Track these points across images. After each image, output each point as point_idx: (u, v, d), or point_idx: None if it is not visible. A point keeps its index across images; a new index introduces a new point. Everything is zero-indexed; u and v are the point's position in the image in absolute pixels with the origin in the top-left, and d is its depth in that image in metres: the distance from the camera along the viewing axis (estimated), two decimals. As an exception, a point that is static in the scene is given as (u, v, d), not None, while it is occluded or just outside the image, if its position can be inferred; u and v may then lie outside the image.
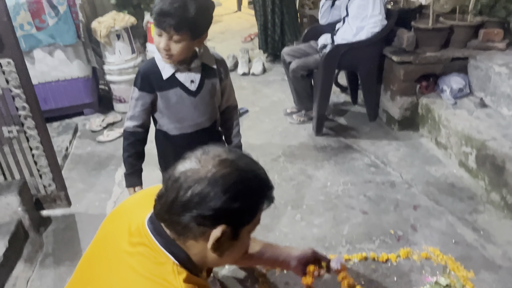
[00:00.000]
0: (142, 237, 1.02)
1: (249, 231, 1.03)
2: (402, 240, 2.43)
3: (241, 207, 0.94)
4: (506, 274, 2.21)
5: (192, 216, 0.93)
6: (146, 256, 0.98)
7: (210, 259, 1.01)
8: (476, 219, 2.62)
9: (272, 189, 1.03)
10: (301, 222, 2.56)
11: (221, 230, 0.94)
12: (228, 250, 1.00)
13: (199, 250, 0.99)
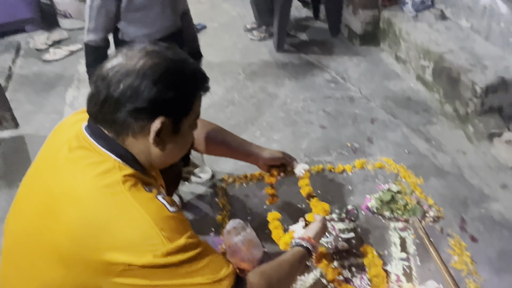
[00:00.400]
0: (80, 141, 0.98)
1: (190, 125, 1.01)
2: (358, 152, 2.50)
3: (174, 96, 0.92)
4: (453, 180, 2.34)
5: (127, 111, 0.89)
6: (86, 158, 0.95)
7: (154, 156, 0.99)
8: (429, 130, 2.71)
9: (206, 78, 1.01)
10: (261, 138, 2.56)
11: (159, 122, 0.91)
12: (171, 144, 0.99)
13: (141, 148, 0.96)
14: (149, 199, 0.91)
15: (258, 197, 2.08)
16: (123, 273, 0.85)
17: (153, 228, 0.86)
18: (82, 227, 0.87)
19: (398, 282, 1.75)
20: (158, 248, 0.85)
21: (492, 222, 2.08)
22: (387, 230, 2.00)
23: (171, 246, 0.86)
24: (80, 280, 0.89)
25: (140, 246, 0.85)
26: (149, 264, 0.85)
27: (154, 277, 0.87)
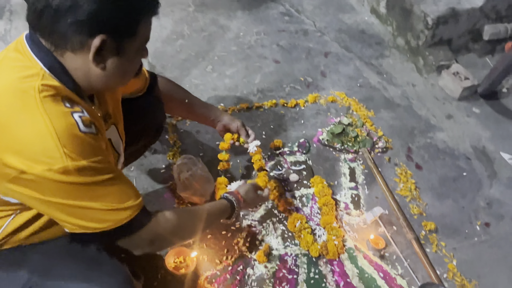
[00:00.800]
0: (17, 45, 0.92)
1: (137, 50, 0.96)
2: (311, 86, 2.48)
3: (117, 13, 0.87)
4: (402, 111, 2.40)
5: (67, 23, 0.84)
6: (16, 61, 0.89)
7: (94, 76, 0.93)
8: (381, 63, 2.72)
9: (155, 1, 0.94)
10: (212, 73, 2.47)
11: (100, 39, 0.86)
12: (113, 66, 0.93)
13: (79, 65, 0.91)
14: (61, 113, 0.86)
15: (210, 133, 2.04)
16: (16, 179, 0.83)
17: (54, 141, 0.82)
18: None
19: (346, 209, 1.82)
20: (54, 163, 0.81)
21: (436, 150, 2.17)
22: (337, 161, 2.04)
23: (70, 164, 0.82)
24: None
25: (36, 155, 0.81)
26: (42, 176, 0.81)
27: (47, 192, 0.85)
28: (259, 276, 1.54)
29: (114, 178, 0.92)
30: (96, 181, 0.88)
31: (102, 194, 0.90)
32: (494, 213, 1.89)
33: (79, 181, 0.85)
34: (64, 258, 1.07)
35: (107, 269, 1.06)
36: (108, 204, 0.91)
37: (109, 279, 1.04)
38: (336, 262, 1.60)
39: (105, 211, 0.90)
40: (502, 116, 2.44)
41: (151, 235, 1.03)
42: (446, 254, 1.69)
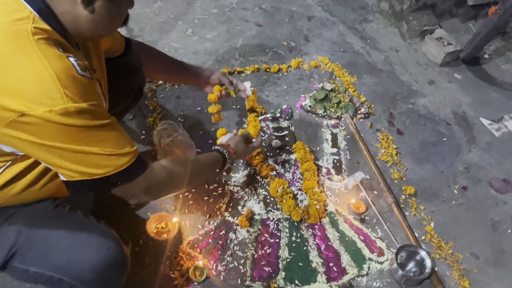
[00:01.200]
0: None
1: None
2: (294, 51, 2.44)
3: None
4: (385, 77, 2.39)
5: None
6: (3, 5, 0.85)
7: (82, 21, 0.89)
8: (365, 28, 2.68)
9: None
10: (192, 37, 2.40)
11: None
12: (102, 10, 0.90)
13: (67, 9, 0.88)
14: (58, 55, 0.83)
15: (190, 99, 2.00)
16: (14, 123, 0.80)
17: (55, 83, 0.79)
18: None
19: (328, 175, 1.83)
20: (56, 104, 0.79)
21: (417, 116, 2.18)
22: (320, 127, 2.03)
23: (71, 105, 0.81)
24: None
25: (36, 97, 0.79)
26: (42, 118, 0.79)
27: (46, 136, 0.82)
28: (242, 240, 1.55)
29: (111, 124, 0.91)
30: (95, 125, 0.87)
31: (101, 139, 0.89)
32: (471, 177, 1.93)
33: (79, 124, 0.83)
34: (51, 221, 1.06)
35: (95, 233, 1.06)
36: (107, 149, 0.89)
37: (98, 242, 1.05)
38: (317, 226, 1.62)
39: (105, 156, 0.90)
40: (483, 82, 2.45)
41: (147, 182, 1.02)
42: (425, 217, 1.73)
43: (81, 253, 1.02)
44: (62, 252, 1.02)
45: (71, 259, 1.01)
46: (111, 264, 1.04)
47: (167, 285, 1.39)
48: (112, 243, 1.07)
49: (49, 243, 1.03)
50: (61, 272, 1.02)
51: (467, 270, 1.59)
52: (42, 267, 1.02)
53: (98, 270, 1.02)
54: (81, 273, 1.01)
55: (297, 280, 1.46)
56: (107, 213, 1.52)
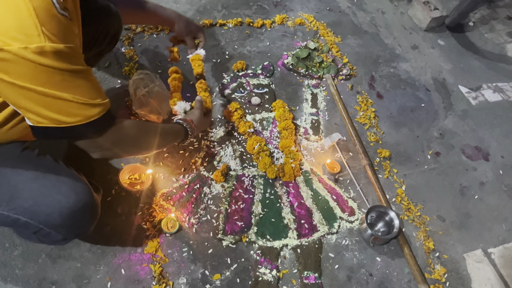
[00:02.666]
0: None
1: None
2: (279, 6, 2.37)
3: None
4: (369, 38, 2.35)
5: None
6: None
7: None
8: (353, -13, 2.61)
9: None
10: (174, -15, 2.29)
11: None
12: None
13: None
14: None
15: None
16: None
17: (33, 18, 0.74)
18: None
19: (305, 134, 1.82)
20: (32, 41, 0.75)
21: (398, 80, 2.18)
22: (301, 86, 2.01)
23: (48, 45, 0.76)
24: None
25: (12, 32, 0.74)
26: (16, 54, 0.74)
27: (18, 74, 0.77)
28: (216, 195, 1.55)
29: (85, 71, 0.87)
30: (70, 69, 0.82)
31: (74, 85, 0.85)
32: (445, 143, 1.96)
33: (53, 65, 0.79)
34: (19, 163, 1.04)
35: (65, 178, 1.05)
36: (79, 98, 0.86)
37: (68, 186, 1.03)
38: (291, 184, 1.64)
39: (76, 104, 0.86)
40: (466, 50, 2.45)
41: (114, 137, 1.01)
42: (397, 180, 1.76)
43: (49, 196, 1.01)
44: (29, 194, 1.00)
45: (38, 201, 1.00)
46: (80, 209, 1.03)
47: (139, 235, 1.40)
48: (82, 189, 1.06)
49: (16, 185, 1.01)
50: (28, 215, 1.01)
51: (433, 231, 1.64)
52: (7, 209, 1.00)
53: (66, 214, 1.01)
54: (48, 216, 1.00)
55: (268, 235, 1.48)
56: (79, 161, 1.49)
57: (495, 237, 1.67)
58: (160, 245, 1.39)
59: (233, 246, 1.44)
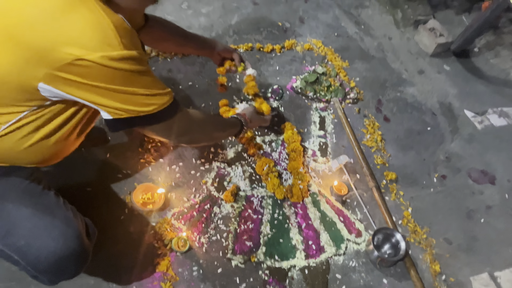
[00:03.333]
0: None
1: None
2: (288, 32, 2.44)
3: None
4: (376, 63, 2.41)
5: None
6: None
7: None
8: (360, 13, 2.69)
9: None
10: (187, 10, 2.38)
11: None
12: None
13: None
14: (111, 11, 0.92)
15: (182, 73, 2.00)
16: (67, 67, 0.86)
17: (113, 31, 0.88)
18: (41, 14, 0.85)
19: (313, 156, 1.87)
20: (114, 49, 0.87)
21: (405, 104, 2.22)
22: (309, 109, 2.06)
23: (126, 52, 0.89)
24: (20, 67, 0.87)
25: (96, 43, 0.86)
26: (98, 62, 0.86)
27: (98, 78, 0.90)
28: (225, 214, 1.59)
29: (150, 69, 1.00)
30: (142, 70, 0.95)
31: (146, 81, 0.98)
32: (452, 166, 1.99)
33: (130, 69, 0.92)
34: (22, 196, 1.07)
35: (58, 221, 1.07)
36: (152, 90, 1.00)
37: (58, 231, 1.05)
38: (299, 205, 1.67)
39: (150, 96, 1.00)
40: (471, 75, 2.50)
41: (184, 121, 1.18)
42: (403, 202, 1.79)
43: (40, 239, 1.02)
44: (23, 233, 1.02)
45: (29, 243, 1.02)
46: (66, 256, 1.04)
47: (150, 253, 1.43)
48: (72, 234, 1.07)
49: (14, 221, 1.03)
50: (19, 254, 1.02)
51: (440, 254, 1.66)
52: (2, 244, 1.02)
53: (53, 260, 1.03)
54: (36, 259, 1.02)
55: (276, 255, 1.51)
56: (95, 182, 1.55)
57: (502, 261, 1.68)
58: (171, 264, 1.43)
59: (242, 265, 1.47)
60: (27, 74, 0.87)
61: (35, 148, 1.04)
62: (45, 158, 1.10)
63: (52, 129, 1.03)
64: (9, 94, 0.91)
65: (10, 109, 0.94)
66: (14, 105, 0.94)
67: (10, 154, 1.03)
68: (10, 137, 0.99)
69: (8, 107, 0.94)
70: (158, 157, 1.69)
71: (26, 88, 0.90)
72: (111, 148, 1.67)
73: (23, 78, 0.88)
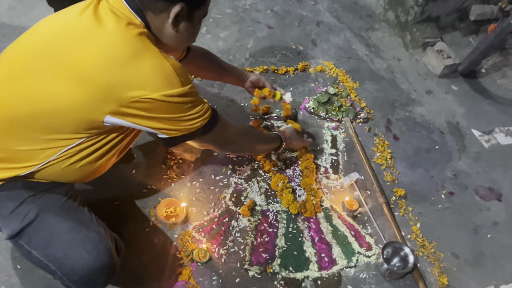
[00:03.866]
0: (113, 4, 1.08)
1: (199, 18, 1.18)
2: (301, 54, 2.57)
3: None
4: (386, 84, 2.52)
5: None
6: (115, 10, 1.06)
7: (167, 36, 1.13)
8: (370, 36, 2.81)
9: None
10: (206, 35, 2.53)
11: (180, 6, 1.07)
12: (183, 29, 1.14)
13: (157, 25, 1.11)
14: (165, 54, 1.08)
15: (202, 94, 2.13)
16: (133, 103, 1.02)
17: (173, 73, 1.04)
18: (112, 59, 0.99)
19: (326, 173, 1.97)
20: (174, 87, 1.04)
21: (414, 123, 2.32)
22: (321, 128, 2.17)
23: (183, 89, 1.06)
24: (89, 103, 1.01)
25: (160, 84, 1.02)
26: (160, 99, 1.02)
27: (159, 111, 1.06)
28: (243, 228, 1.69)
29: (197, 93, 1.16)
30: (193, 100, 1.13)
31: (195, 106, 1.15)
32: (459, 183, 2.07)
33: (185, 101, 1.09)
34: (61, 212, 1.17)
35: (92, 235, 1.16)
36: (198, 109, 1.16)
37: (92, 244, 1.14)
38: (312, 220, 1.77)
39: (198, 114, 1.16)
40: (478, 95, 2.58)
41: (225, 129, 1.36)
42: (412, 218, 1.87)
43: (76, 251, 1.11)
44: (62, 245, 1.11)
45: (66, 254, 1.10)
46: (98, 268, 1.12)
47: (173, 263, 1.54)
48: (104, 248, 1.15)
49: (54, 233, 1.12)
50: (56, 265, 1.11)
51: (447, 268, 1.73)
52: (42, 254, 1.11)
53: (86, 271, 1.11)
54: (71, 270, 1.10)
55: (291, 267, 1.61)
56: (122, 196, 1.67)
57: (507, 275, 1.75)
58: (192, 273, 1.53)
59: (259, 276, 1.56)
60: (96, 108, 1.02)
61: (82, 168, 1.17)
62: (85, 176, 1.23)
63: (103, 151, 1.16)
64: (75, 123, 1.05)
65: (71, 135, 1.07)
66: (76, 132, 1.07)
67: (60, 173, 1.15)
68: (66, 160, 1.12)
69: (70, 133, 1.07)
70: (180, 173, 1.81)
71: (93, 119, 1.04)
72: (137, 165, 1.80)
73: (92, 112, 1.02)
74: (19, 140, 1.07)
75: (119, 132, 1.17)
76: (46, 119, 1.03)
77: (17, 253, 1.48)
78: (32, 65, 1.03)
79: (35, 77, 1.02)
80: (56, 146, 1.09)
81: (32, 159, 1.10)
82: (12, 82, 1.05)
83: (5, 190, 1.14)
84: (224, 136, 1.39)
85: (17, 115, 1.04)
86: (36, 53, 1.03)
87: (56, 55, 1.01)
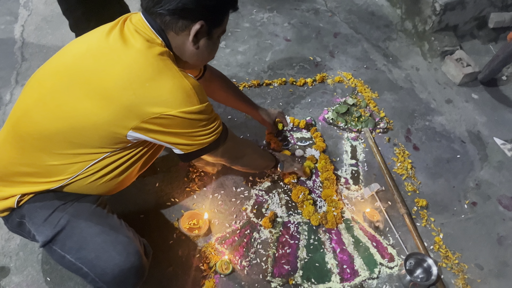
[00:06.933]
0: (136, 23, 1.13)
1: (219, 35, 1.22)
2: (319, 66, 2.60)
3: (215, 5, 1.12)
4: (405, 94, 2.52)
5: (177, 7, 1.07)
6: (137, 30, 1.11)
7: (188, 53, 1.18)
8: (388, 46, 2.82)
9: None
10: (225, 49, 2.58)
11: (200, 24, 1.11)
12: (203, 46, 1.18)
13: (178, 44, 1.15)
14: (186, 74, 1.13)
15: (222, 107, 2.17)
16: (154, 120, 1.06)
17: (192, 90, 1.09)
18: (134, 78, 1.04)
19: (346, 184, 1.98)
20: (193, 104, 1.09)
21: (434, 133, 2.31)
22: (341, 139, 2.18)
23: (200, 106, 1.11)
24: (113, 119, 1.06)
25: (180, 102, 1.07)
26: (177, 115, 1.07)
27: (176, 126, 1.10)
28: (264, 239, 1.71)
29: (212, 110, 1.21)
30: (209, 117, 1.18)
31: (210, 122, 1.19)
32: (482, 193, 2.05)
33: (201, 118, 1.14)
34: (91, 217, 1.23)
35: (122, 238, 1.21)
36: (212, 125, 1.20)
37: (122, 246, 1.19)
38: (334, 231, 1.78)
39: (211, 129, 1.20)
40: (499, 103, 2.56)
41: (234, 140, 1.41)
42: (434, 229, 1.86)
43: (107, 252, 1.16)
44: (93, 247, 1.17)
45: (99, 256, 1.16)
46: (128, 269, 1.17)
47: (197, 275, 1.57)
48: (133, 250, 1.20)
49: (86, 237, 1.18)
50: (89, 267, 1.16)
51: (471, 279, 1.71)
52: (75, 257, 1.17)
53: (117, 272, 1.16)
54: (103, 271, 1.15)
55: (313, 278, 1.62)
56: (147, 209, 1.72)
57: (534, 287, 1.72)
58: (216, 285, 1.56)
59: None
60: (119, 125, 1.07)
61: (108, 181, 1.22)
62: (111, 189, 1.28)
63: (127, 165, 1.22)
64: (100, 138, 1.10)
65: (97, 150, 1.13)
66: (102, 146, 1.12)
67: (87, 186, 1.21)
68: (93, 174, 1.18)
69: (97, 148, 1.12)
70: (202, 186, 1.85)
71: (117, 135, 1.09)
72: (160, 178, 1.84)
73: (116, 127, 1.07)
74: (50, 155, 1.13)
75: (142, 147, 1.22)
76: (74, 135, 1.09)
77: (47, 265, 1.54)
78: (62, 85, 1.09)
79: (65, 96, 1.08)
80: (84, 161, 1.15)
81: (61, 173, 1.16)
82: (44, 102, 1.11)
83: (37, 201, 1.21)
84: (234, 149, 1.44)
85: (48, 132, 1.10)
86: (66, 74, 1.09)
87: (84, 74, 1.07)
